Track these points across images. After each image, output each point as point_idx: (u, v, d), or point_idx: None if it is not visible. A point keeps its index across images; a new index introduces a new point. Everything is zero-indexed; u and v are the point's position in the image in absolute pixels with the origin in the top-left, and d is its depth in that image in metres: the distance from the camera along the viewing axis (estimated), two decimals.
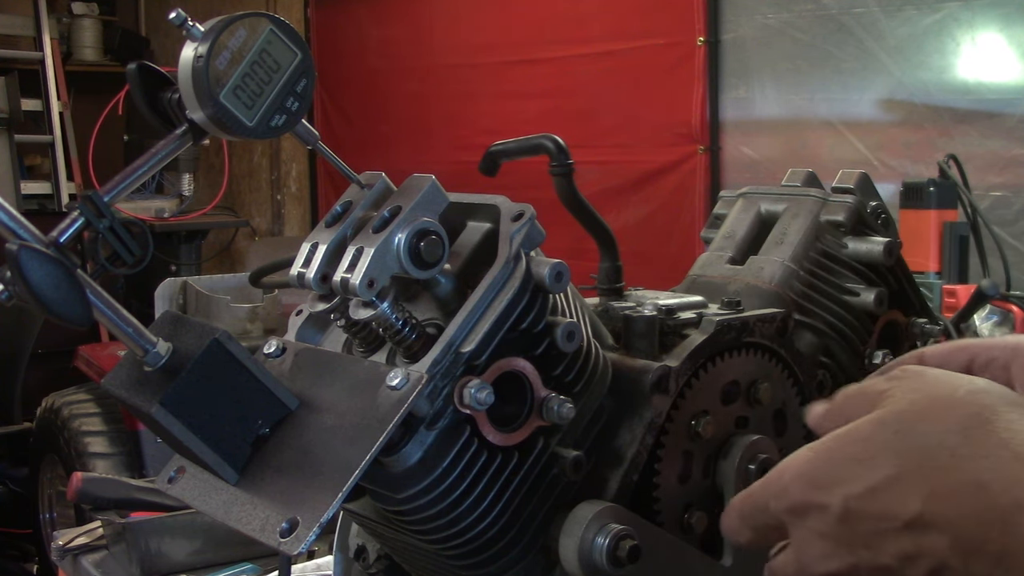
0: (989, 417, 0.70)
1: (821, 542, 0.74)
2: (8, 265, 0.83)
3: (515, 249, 0.96)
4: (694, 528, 1.11)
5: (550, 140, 1.23)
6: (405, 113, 6.38)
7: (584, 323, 1.04)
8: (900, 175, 3.66)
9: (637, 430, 1.07)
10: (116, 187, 0.93)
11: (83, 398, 4.34)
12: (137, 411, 0.92)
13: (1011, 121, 3.74)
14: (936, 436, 0.70)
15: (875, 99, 4.16)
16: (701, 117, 4.70)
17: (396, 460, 0.92)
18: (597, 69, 5.12)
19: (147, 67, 0.98)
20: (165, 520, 2.01)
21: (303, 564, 1.87)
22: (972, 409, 0.71)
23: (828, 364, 1.31)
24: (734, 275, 1.35)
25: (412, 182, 0.98)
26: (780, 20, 4.40)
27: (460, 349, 0.93)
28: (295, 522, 0.85)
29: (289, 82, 0.92)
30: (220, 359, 0.90)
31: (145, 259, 0.94)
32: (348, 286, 0.92)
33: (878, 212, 1.41)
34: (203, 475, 0.96)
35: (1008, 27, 3.76)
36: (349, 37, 6.79)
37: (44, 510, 4.64)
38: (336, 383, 0.95)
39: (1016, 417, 0.70)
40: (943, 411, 0.72)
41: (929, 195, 2.95)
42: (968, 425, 0.70)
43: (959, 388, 0.73)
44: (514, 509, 0.99)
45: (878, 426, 0.74)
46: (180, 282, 3.84)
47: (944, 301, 2.67)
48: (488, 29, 5.76)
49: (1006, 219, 3.67)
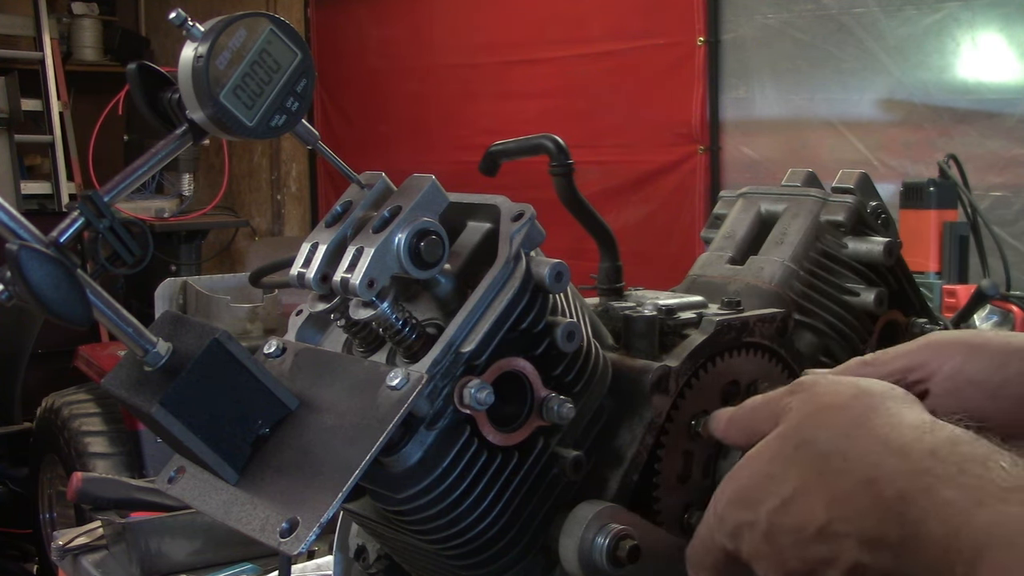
0: (871, 416, 0.74)
1: (756, 558, 0.78)
2: (8, 265, 0.83)
3: (515, 249, 0.96)
4: (694, 528, 1.11)
5: (550, 140, 1.23)
6: (405, 113, 6.39)
7: (584, 323, 1.04)
8: (900, 175, 3.67)
9: (637, 430, 1.07)
10: (116, 187, 0.93)
11: (83, 398, 4.34)
12: (137, 411, 0.92)
13: (1011, 121, 3.74)
14: (829, 443, 0.75)
15: (875, 99, 4.16)
16: (701, 117, 4.71)
17: (396, 460, 0.92)
18: (597, 69, 5.12)
19: (147, 67, 0.98)
20: (165, 520, 2.01)
21: (303, 564, 1.87)
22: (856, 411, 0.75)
23: (828, 364, 1.31)
24: (734, 275, 1.35)
25: (412, 182, 0.98)
26: (780, 20, 4.40)
27: (460, 349, 0.92)
28: (295, 522, 0.85)
29: (289, 82, 0.92)
30: (220, 359, 0.90)
31: (145, 259, 0.94)
32: (348, 286, 0.92)
33: (878, 212, 1.41)
34: (203, 475, 0.96)
35: (1008, 27, 3.76)
36: (349, 37, 6.79)
37: (44, 510, 4.64)
38: (336, 383, 0.95)
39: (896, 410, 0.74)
40: (832, 417, 0.76)
41: (929, 195, 2.95)
42: (853, 426, 0.74)
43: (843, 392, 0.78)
44: (514, 509, 0.99)
45: (781, 441, 0.79)
46: (180, 282, 3.84)
47: (944, 301, 2.67)
48: (488, 29, 5.77)
49: (1006, 219, 3.67)
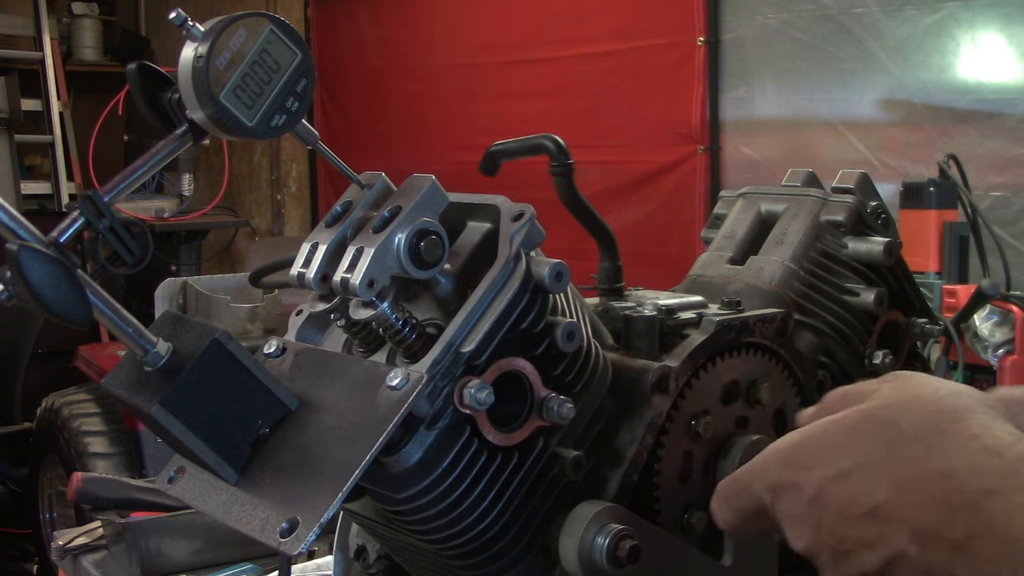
0: (964, 415, 0.73)
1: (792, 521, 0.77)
2: (8, 265, 0.83)
3: (515, 249, 0.96)
4: (694, 528, 1.11)
5: (550, 140, 1.23)
6: (405, 113, 6.38)
7: (584, 323, 1.04)
8: (900, 175, 3.66)
9: (637, 430, 1.07)
10: (116, 187, 0.93)
11: (83, 398, 4.34)
12: (137, 411, 0.92)
13: (1011, 121, 3.74)
14: (913, 430, 0.73)
15: (875, 99, 4.16)
16: (701, 117, 4.70)
17: (396, 460, 0.92)
18: (597, 69, 5.12)
19: (147, 67, 0.98)
20: (165, 520, 2.01)
21: (303, 564, 1.87)
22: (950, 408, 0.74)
23: (828, 364, 1.31)
24: (734, 275, 1.35)
25: (412, 182, 0.98)
26: (780, 20, 4.40)
27: (460, 349, 0.93)
28: (295, 522, 0.85)
29: (289, 82, 0.93)
30: (220, 359, 0.90)
31: (145, 259, 0.94)
32: (348, 286, 0.92)
33: (878, 212, 1.42)
34: (203, 475, 0.96)
35: (1008, 27, 3.76)
36: (349, 37, 6.79)
37: (44, 510, 4.64)
38: (336, 383, 0.95)
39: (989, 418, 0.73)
40: (923, 407, 0.75)
41: (929, 195, 2.95)
42: (943, 420, 0.73)
43: (941, 389, 0.77)
44: (514, 509, 0.99)
45: (862, 416, 0.77)
46: (180, 282, 3.84)
47: (944, 301, 2.66)
48: (488, 29, 5.76)
49: (1006, 219, 3.67)
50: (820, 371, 1.26)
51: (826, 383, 1.26)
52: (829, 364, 1.32)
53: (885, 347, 1.38)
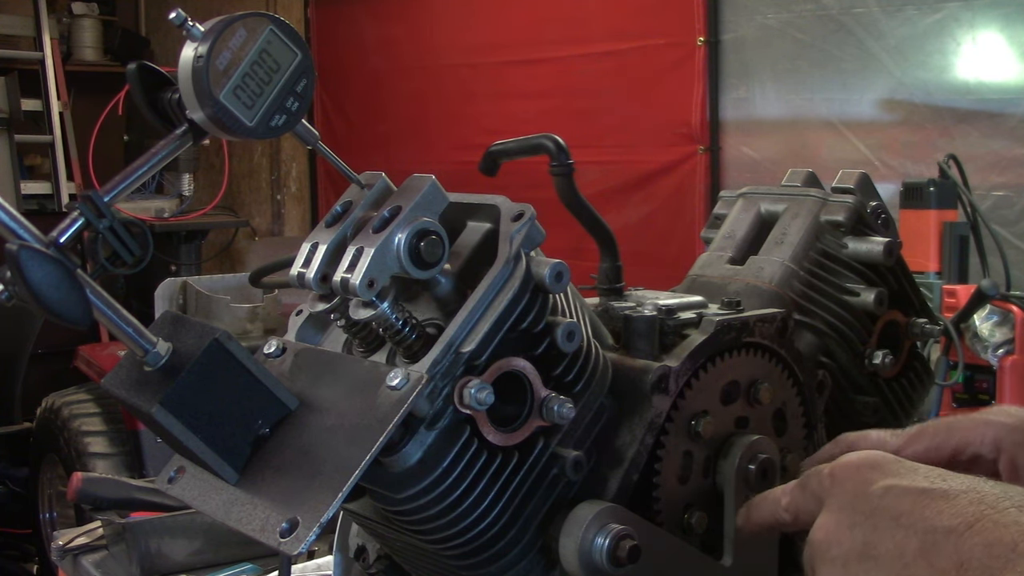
0: None
1: None
2: (8, 265, 0.83)
3: (515, 249, 0.96)
4: (694, 528, 1.11)
5: (550, 140, 1.23)
6: (405, 113, 6.38)
7: (584, 323, 1.04)
8: (900, 175, 3.67)
9: (637, 430, 1.07)
10: (116, 187, 0.93)
11: (83, 398, 4.34)
12: (137, 411, 0.92)
13: (1012, 121, 3.74)
14: None
15: (875, 99, 4.16)
16: (701, 117, 4.71)
17: (396, 460, 0.92)
18: (597, 69, 5.12)
19: (147, 67, 0.98)
20: (165, 520, 2.01)
21: (303, 564, 1.87)
22: None
23: (828, 364, 1.31)
24: (734, 275, 1.35)
25: (412, 182, 0.98)
26: (780, 20, 4.40)
27: (460, 349, 0.93)
28: (295, 522, 0.85)
29: (289, 82, 0.92)
30: (220, 359, 0.90)
31: (145, 259, 0.94)
32: (348, 286, 0.92)
33: (878, 212, 1.41)
34: (203, 475, 0.96)
35: (1008, 27, 3.76)
36: (349, 37, 6.79)
37: (44, 510, 4.65)
38: (336, 383, 0.95)
39: None
40: None
41: (929, 195, 2.95)
42: None
43: None
44: (514, 509, 0.99)
45: None
46: (180, 282, 3.84)
47: (944, 301, 2.67)
48: (488, 29, 5.76)
49: (1008, 219, 3.67)
50: (820, 371, 1.26)
51: (826, 383, 1.26)
52: (829, 364, 1.32)
53: (885, 347, 1.38)
